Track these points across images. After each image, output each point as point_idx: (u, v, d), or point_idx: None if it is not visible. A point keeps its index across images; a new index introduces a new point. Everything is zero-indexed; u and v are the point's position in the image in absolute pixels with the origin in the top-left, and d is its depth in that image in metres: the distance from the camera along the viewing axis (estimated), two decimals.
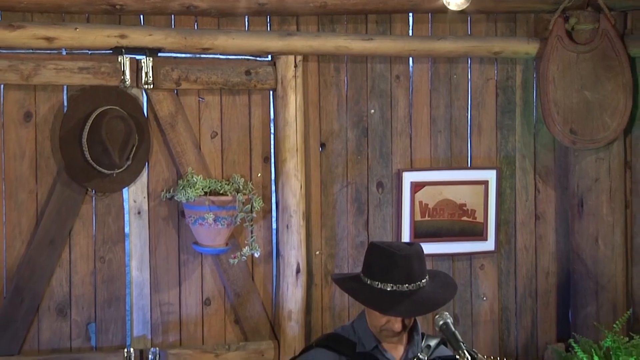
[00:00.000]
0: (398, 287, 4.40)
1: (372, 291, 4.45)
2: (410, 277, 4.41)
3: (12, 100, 5.70)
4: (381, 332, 4.52)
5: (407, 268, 4.41)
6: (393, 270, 4.41)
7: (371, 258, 4.52)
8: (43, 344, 5.77)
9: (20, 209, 5.73)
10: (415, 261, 4.44)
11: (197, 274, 6.01)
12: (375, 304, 4.45)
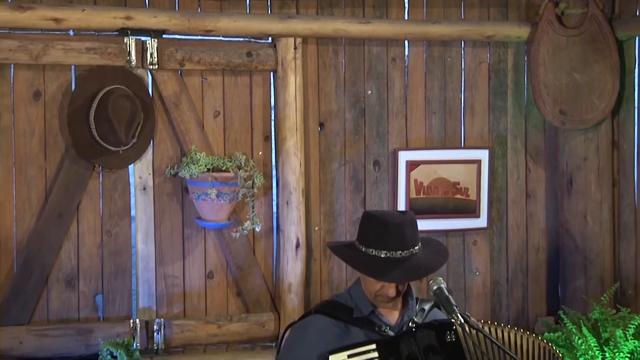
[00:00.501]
0: (392, 253, 4.39)
1: (367, 258, 4.44)
2: (404, 244, 4.40)
3: (21, 80, 5.69)
4: (376, 298, 4.51)
5: (401, 235, 4.40)
6: (387, 237, 4.40)
7: (366, 226, 4.51)
8: (52, 314, 5.77)
9: (30, 184, 5.72)
10: (408, 229, 4.43)
11: (201, 248, 6.00)
12: (370, 270, 4.44)
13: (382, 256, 4.39)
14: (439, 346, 4.35)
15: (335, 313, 4.57)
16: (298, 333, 4.63)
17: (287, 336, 4.70)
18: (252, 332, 6.02)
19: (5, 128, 5.65)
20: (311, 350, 4.52)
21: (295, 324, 4.72)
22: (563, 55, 6.37)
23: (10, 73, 5.67)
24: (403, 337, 4.37)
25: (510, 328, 4.46)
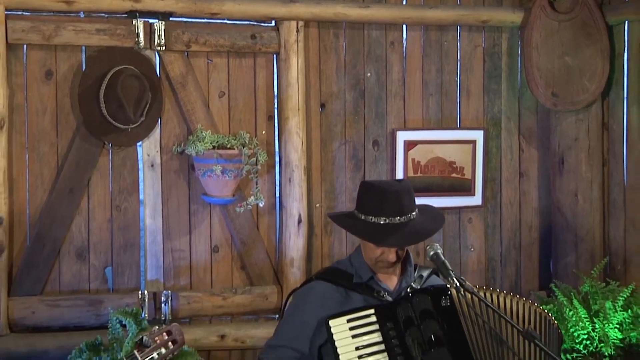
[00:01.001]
0: (390, 220, 4.41)
1: (367, 225, 4.45)
2: (401, 211, 4.41)
3: (34, 60, 5.69)
4: (376, 264, 4.52)
5: (398, 202, 4.42)
6: (385, 204, 4.42)
7: (364, 195, 4.53)
8: (63, 286, 5.78)
9: (42, 160, 5.73)
10: (404, 196, 4.45)
11: (206, 223, 6.00)
12: (371, 237, 4.45)
13: (381, 223, 4.41)
14: (434, 310, 4.36)
15: (336, 279, 4.59)
16: (300, 299, 4.64)
17: (290, 302, 4.72)
18: (256, 304, 6.02)
19: (19, 106, 5.66)
20: (312, 315, 4.54)
21: (297, 289, 4.74)
22: (555, 39, 6.37)
23: (23, 53, 5.68)
24: (400, 302, 4.39)
25: (506, 294, 4.47)
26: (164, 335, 4.07)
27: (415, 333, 4.32)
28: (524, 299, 4.50)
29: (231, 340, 5.96)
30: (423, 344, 4.31)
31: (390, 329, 4.33)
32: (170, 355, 4.09)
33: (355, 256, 4.63)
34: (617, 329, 5.81)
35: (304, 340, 4.52)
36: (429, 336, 4.32)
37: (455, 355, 4.32)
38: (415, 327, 4.33)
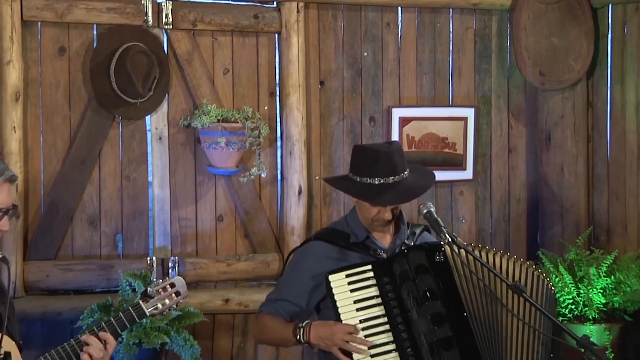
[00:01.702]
0: (384, 179, 4.41)
1: (362, 186, 4.46)
2: (394, 170, 4.42)
3: (48, 36, 5.70)
4: (372, 223, 4.53)
5: (390, 163, 4.43)
6: (378, 166, 4.43)
7: (357, 158, 4.54)
8: (76, 251, 5.79)
9: (56, 132, 5.73)
10: (396, 156, 4.46)
11: (211, 193, 6.01)
12: (367, 197, 4.46)
13: (375, 183, 4.42)
14: (429, 266, 4.38)
15: (334, 239, 4.60)
16: (299, 257, 4.66)
17: (290, 260, 4.74)
18: (258, 271, 6.02)
19: (34, 80, 5.66)
20: (310, 272, 4.56)
21: (297, 249, 4.76)
22: (542, 21, 6.38)
23: (37, 30, 5.68)
24: (396, 258, 4.40)
25: (502, 253, 4.47)
26: (168, 287, 4.10)
27: (411, 287, 4.34)
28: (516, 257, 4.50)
29: (235, 304, 5.95)
30: (418, 297, 4.33)
31: (387, 284, 4.35)
32: (174, 306, 4.12)
33: (350, 217, 4.64)
34: (600, 294, 5.83)
35: (302, 295, 4.53)
36: (423, 290, 4.34)
37: (448, 307, 4.34)
38: (411, 282, 4.34)
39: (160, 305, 4.08)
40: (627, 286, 5.82)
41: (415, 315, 4.30)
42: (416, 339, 4.28)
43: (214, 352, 6.00)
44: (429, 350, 4.27)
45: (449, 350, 4.27)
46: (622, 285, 5.83)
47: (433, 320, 4.30)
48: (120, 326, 4.00)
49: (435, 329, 4.29)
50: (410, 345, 4.28)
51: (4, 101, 5.50)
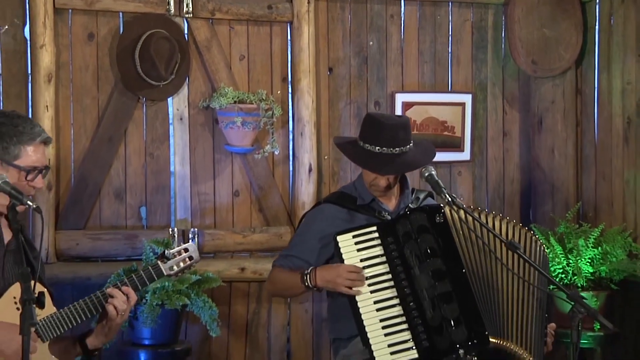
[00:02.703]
0: (384, 149, 4.42)
1: (363, 152, 4.47)
2: (395, 142, 4.43)
3: (78, 23, 5.72)
4: (371, 187, 4.55)
5: (394, 134, 4.43)
6: (381, 135, 4.44)
7: (365, 125, 4.55)
8: (104, 222, 5.81)
9: (85, 111, 5.75)
10: (400, 130, 4.47)
11: (228, 170, 6.03)
12: (363, 163, 4.50)
13: (376, 151, 4.43)
14: (430, 226, 4.39)
15: (342, 202, 4.61)
16: (310, 218, 4.67)
17: (302, 221, 4.74)
18: (272, 242, 6.03)
19: (64, 63, 5.69)
20: (320, 232, 4.58)
21: (309, 211, 4.78)
22: (535, 14, 6.39)
23: (68, 17, 5.71)
24: (399, 220, 4.41)
25: (501, 217, 4.47)
26: (182, 251, 4.12)
27: (413, 246, 4.34)
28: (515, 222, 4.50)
29: (250, 273, 5.96)
30: (420, 255, 4.33)
31: (391, 243, 4.35)
32: (188, 269, 4.14)
33: (358, 181, 4.66)
34: (588, 264, 5.83)
35: (311, 252, 4.55)
36: (425, 248, 4.34)
37: (448, 264, 4.34)
38: (413, 241, 4.35)
39: (176, 267, 4.10)
40: (613, 257, 5.81)
41: (417, 272, 4.30)
42: (418, 293, 4.29)
43: (231, 317, 6.02)
44: (430, 304, 4.27)
45: (449, 304, 4.27)
46: (609, 256, 5.82)
47: (434, 276, 4.30)
48: (140, 282, 4.01)
49: (436, 284, 4.29)
50: (413, 299, 4.28)
51: (37, 82, 5.51)
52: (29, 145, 3.82)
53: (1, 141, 3.79)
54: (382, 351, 4.25)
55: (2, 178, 3.66)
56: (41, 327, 3.77)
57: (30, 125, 3.86)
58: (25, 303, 3.20)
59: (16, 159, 3.81)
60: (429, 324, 4.26)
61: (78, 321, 3.86)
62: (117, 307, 3.90)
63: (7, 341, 3.58)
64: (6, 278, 3.80)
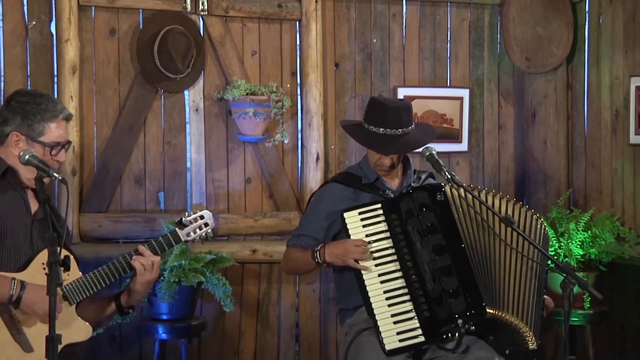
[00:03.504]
0: (388, 131, 4.44)
1: (368, 134, 4.50)
2: (398, 124, 4.45)
3: (100, 19, 5.74)
4: (375, 167, 4.57)
5: (396, 116, 4.46)
6: (385, 117, 4.46)
7: (370, 108, 4.58)
8: (124, 205, 5.82)
9: (107, 102, 5.77)
10: (403, 112, 4.49)
11: (241, 159, 6.04)
12: (368, 143, 4.52)
13: (380, 132, 4.45)
14: (431, 204, 4.41)
15: (348, 181, 4.63)
16: (318, 197, 4.70)
17: (311, 200, 4.76)
18: (281, 226, 6.04)
19: (88, 57, 5.71)
20: (327, 210, 4.61)
21: (317, 191, 4.80)
22: (528, 13, 6.41)
23: (91, 14, 5.73)
24: (402, 198, 4.43)
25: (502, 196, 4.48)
26: (198, 219, 4.14)
27: (415, 222, 4.36)
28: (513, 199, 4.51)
29: (261, 255, 5.97)
30: (421, 231, 4.35)
31: (394, 220, 4.38)
32: (204, 234, 4.16)
33: (363, 162, 4.68)
34: (579, 247, 5.84)
35: (320, 230, 4.57)
36: (426, 225, 4.36)
37: (448, 240, 4.36)
38: (415, 218, 4.37)
39: (193, 233, 4.13)
40: (602, 240, 5.83)
41: (419, 246, 4.32)
42: (420, 267, 4.31)
43: (243, 296, 6.03)
44: (431, 276, 4.30)
45: (449, 277, 4.29)
46: (598, 239, 5.83)
47: (434, 251, 4.32)
48: (159, 248, 4.06)
49: (436, 258, 4.31)
50: (415, 272, 4.31)
51: (62, 74, 5.53)
52: (52, 122, 3.86)
53: (26, 119, 3.83)
54: (385, 320, 4.28)
55: (30, 152, 3.71)
56: (68, 291, 3.80)
57: (52, 103, 3.90)
58: (52, 265, 3.24)
59: (41, 136, 3.85)
60: (430, 295, 4.28)
61: (102, 285, 3.90)
62: (144, 265, 3.94)
63: (39, 302, 3.63)
64: (35, 246, 3.84)
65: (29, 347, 3.75)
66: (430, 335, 4.26)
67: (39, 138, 3.87)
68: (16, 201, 3.88)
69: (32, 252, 3.85)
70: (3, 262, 3.79)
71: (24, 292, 3.68)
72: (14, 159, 3.85)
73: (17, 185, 3.90)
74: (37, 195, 3.88)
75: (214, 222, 4.21)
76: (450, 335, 4.26)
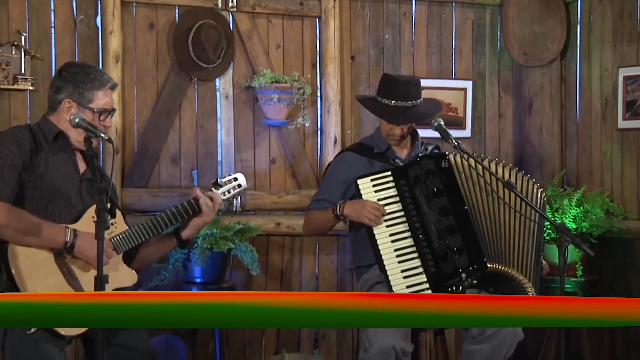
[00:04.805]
0: (398, 103, 4.48)
1: (381, 106, 4.55)
2: (408, 96, 4.50)
3: (141, 15, 5.80)
4: (387, 137, 4.60)
5: (406, 90, 4.50)
6: (396, 90, 4.51)
7: (382, 83, 4.63)
8: (161, 182, 5.87)
9: (146, 89, 5.82)
10: (412, 86, 4.53)
11: (266, 141, 6.07)
12: (381, 114, 4.57)
13: (391, 104, 4.49)
14: (436, 170, 4.43)
15: (361, 150, 4.68)
16: (334, 166, 4.74)
17: (328, 169, 4.81)
18: (303, 202, 6.04)
19: (129, 48, 5.76)
20: (343, 177, 4.67)
21: (333, 160, 4.82)
22: (526, 13, 6.43)
23: (133, 9, 5.79)
24: (410, 165, 4.46)
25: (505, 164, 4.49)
26: (232, 180, 4.19)
27: (422, 187, 4.40)
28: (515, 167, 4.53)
29: (284, 227, 6.01)
30: (428, 195, 4.39)
31: (403, 185, 4.41)
32: (237, 194, 4.21)
33: (376, 133, 4.72)
34: (572, 221, 5.84)
35: (337, 194, 4.62)
36: (432, 189, 4.40)
37: (452, 202, 4.40)
38: (422, 183, 4.41)
39: (227, 193, 4.17)
40: (592, 215, 5.83)
41: (426, 209, 4.36)
42: (427, 227, 4.34)
43: (268, 265, 6.06)
44: (437, 235, 4.33)
45: (453, 235, 4.33)
46: (589, 214, 5.83)
47: (440, 213, 4.36)
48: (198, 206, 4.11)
49: (441, 219, 4.35)
50: (422, 232, 4.34)
51: (106, 63, 5.60)
52: (100, 90, 3.93)
53: (77, 88, 3.90)
54: (396, 276, 4.32)
55: (80, 116, 3.77)
56: (116, 242, 3.86)
57: (100, 73, 3.97)
58: (99, 211, 3.29)
59: (90, 103, 3.91)
60: (436, 252, 4.31)
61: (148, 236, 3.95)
62: (207, 205, 4.13)
63: (90, 247, 3.70)
64: (85, 201, 3.90)
65: (81, 290, 3.81)
66: (437, 288, 4.30)
67: (88, 105, 3.95)
68: (66, 162, 3.95)
69: (83, 207, 3.93)
70: (58, 216, 3.86)
71: (76, 239, 3.76)
72: (65, 124, 3.92)
73: (67, 148, 3.97)
74: (85, 157, 3.95)
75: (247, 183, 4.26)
76: (454, 288, 4.30)
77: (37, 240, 3.73)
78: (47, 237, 3.74)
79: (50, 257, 3.79)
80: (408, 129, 4.61)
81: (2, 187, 3.74)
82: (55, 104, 3.98)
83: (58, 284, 3.77)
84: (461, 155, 4.39)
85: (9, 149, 3.81)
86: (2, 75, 5.34)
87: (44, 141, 3.93)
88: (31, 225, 3.72)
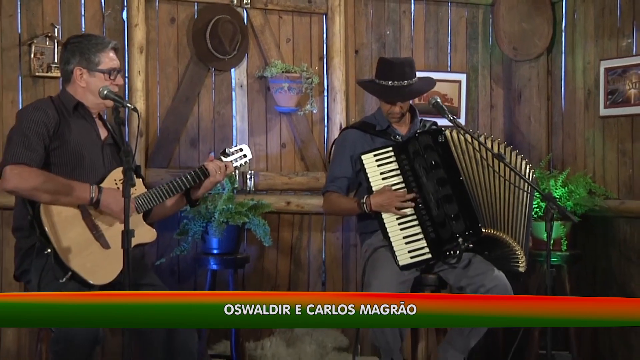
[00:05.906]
0: (395, 83, 4.48)
1: (379, 87, 4.55)
2: (404, 76, 4.51)
3: (163, 10, 5.82)
4: (388, 115, 4.61)
5: (401, 70, 4.51)
6: (392, 72, 4.51)
7: (379, 66, 4.65)
8: (182, 163, 5.87)
9: (168, 78, 5.84)
10: (407, 67, 4.54)
11: (277, 127, 6.08)
12: (379, 94, 4.58)
13: (389, 85, 4.49)
14: (434, 145, 4.44)
15: (363, 127, 4.69)
16: (340, 144, 4.75)
17: (334, 149, 4.80)
18: (311, 184, 6.08)
19: (152, 41, 5.78)
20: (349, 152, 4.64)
21: (337, 138, 4.82)
22: (515, 11, 6.44)
23: (156, 5, 5.80)
24: (410, 141, 4.48)
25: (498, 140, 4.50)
26: (239, 150, 4.21)
27: (421, 161, 4.41)
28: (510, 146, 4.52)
29: (294, 206, 6.01)
30: (426, 167, 4.40)
31: (404, 159, 4.42)
32: (243, 163, 4.23)
33: (377, 112, 4.74)
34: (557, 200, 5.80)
35: (349, 169, 4.64)
36: (430, 162, 4.41)
37: (449, 173, 4.42)
38: (421, 157, 4.41)
39: (235, 162, 4.19)
40: (576, 194, 5.82)
41: (425, 180, 4.37)
42: (426, 197, 4.36)
43: (279, 240, 6.06)
44: (435, 204, 4.34)
45: (450, 204, 4.34)
46: (573, 193, 5.83)
47: (438, 183, 4.37)
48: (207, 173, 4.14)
49: (439, 189, 4.36)
50: (422, 202, 4.35)
51: (132, 53, 5.61)
52: (103, 52, 3.94)
53: (83, 55, 3.91)
54: (399, 242, 4.33)
55: (106, 88, 3.78)
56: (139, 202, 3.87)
57: (100, 38, 4.03)
58: (126, 171, 3.30)
59: (98, 65, 3.93)
60: (435, 220, 4.32)
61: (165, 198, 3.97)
62: (216, 171, 4.18)
63: (114, 202, 3.72)
64: (107, 165, 3.92)
65: (107, 245, 3.83)
66: (436, 252, 4.31)
67: (97, 67, 3.96)
68: (88, 130, 3.98)
69: (105, 170, 3.95)
70: (83, 179, 3.87)
71: (101, 194, 3.79)
72: (82, 92, 3.94)
73: (87, 116, 3.99)
74: (104, 124, 3.98)
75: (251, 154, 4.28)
76: (452, 252, 4.30)
77: (66, 199, 3.76)
78: (75, 195, 3.78)
79: (77, 214, 3.82)
80: (407, 106, 4.62)
81: (31, 154, 3.76)
82: (68, 75, 4.00)
83: (86, 239, 3.79)
84: (457, 131, 4.39)
85: (34, 120, 3.83)
86: (37, 63, 5.37)
87: (65, 111, 3.96)
88: (59, 186, 3.74)
